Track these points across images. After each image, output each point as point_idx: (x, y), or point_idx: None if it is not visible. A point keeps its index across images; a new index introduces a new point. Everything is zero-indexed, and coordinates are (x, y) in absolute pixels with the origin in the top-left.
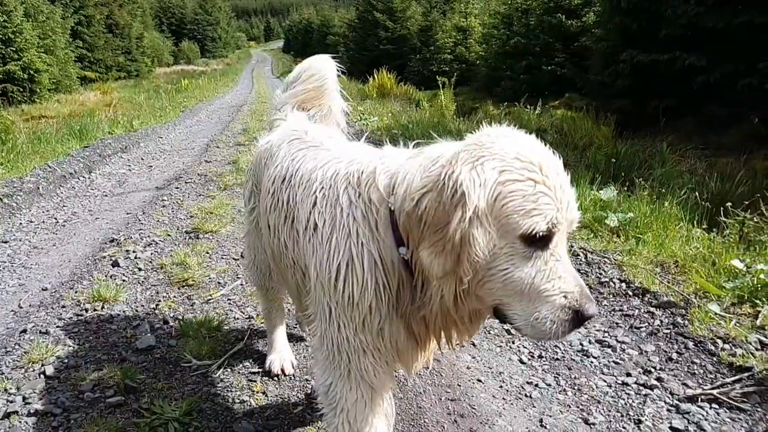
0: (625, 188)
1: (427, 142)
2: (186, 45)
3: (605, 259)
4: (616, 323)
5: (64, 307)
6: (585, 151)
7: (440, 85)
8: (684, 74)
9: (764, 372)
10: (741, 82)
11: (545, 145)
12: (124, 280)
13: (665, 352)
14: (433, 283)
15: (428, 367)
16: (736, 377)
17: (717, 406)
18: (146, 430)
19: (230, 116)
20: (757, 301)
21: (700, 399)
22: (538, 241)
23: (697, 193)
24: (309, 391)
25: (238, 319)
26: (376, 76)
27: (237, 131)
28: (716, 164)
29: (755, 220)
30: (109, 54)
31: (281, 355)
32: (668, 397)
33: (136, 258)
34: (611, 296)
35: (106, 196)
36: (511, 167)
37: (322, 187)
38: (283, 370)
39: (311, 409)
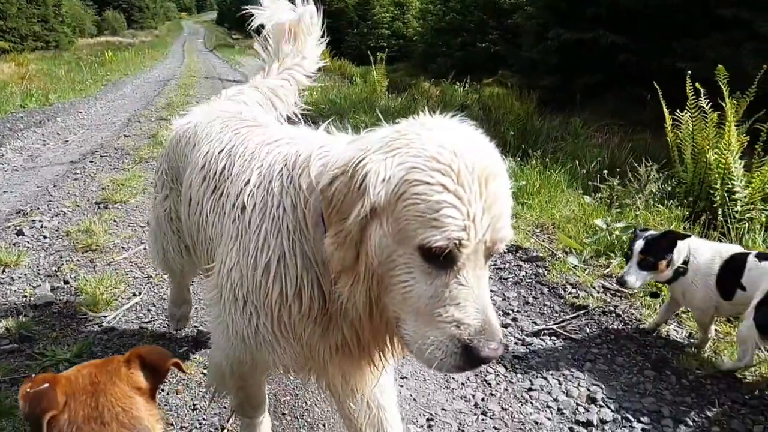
0: (522, 159)
1: (357, 119)
2: (110, 14)
3: None
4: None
5: None
6: (499, 126)
7: (372, 61)
8: (607, 53)
9: (597, 309)
10: (658, 61)
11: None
12: (27, 247)
13: (524, 297)
14: (338, 280)
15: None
16: (575, 314)
17: (555, 338)
18: (37, 370)
19: (156, 91)
20: (611, 254)
21: (542, 333)
22: (437, 258)
23: (578, 162)
24: (194, 333)
25: (137, 278)
26: None
27: (161, 106)
28: (631, 139)
29: (620, 186)
30: (23, 22)
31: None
32: (518, 333)
33: (42, 227)
34: None
35: (16, 170)
36: (423, 166)
37: (261, 165)
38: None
39: (196, 347)
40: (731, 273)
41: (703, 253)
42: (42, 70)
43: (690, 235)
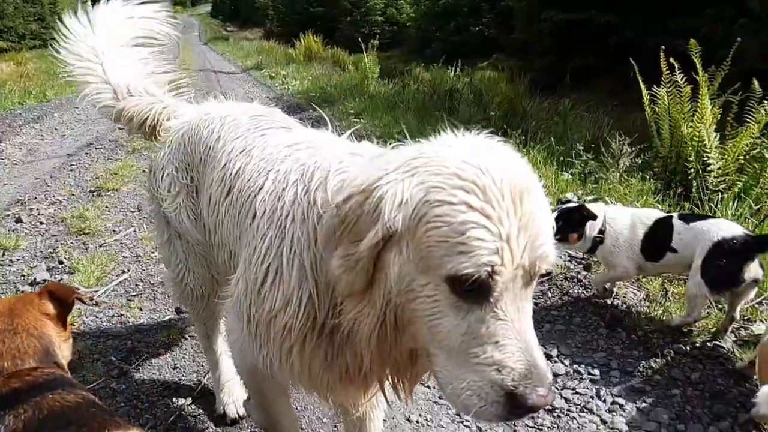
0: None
1: (347, 106)
2: None
3: None
4: None
5: None
6: (487, 109)
7: (363, 48)
8: (601, 34)
9: (560, 275)
10: (651, 41)
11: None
12: (25, 233)
13: None
14: (345, 304)
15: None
16: (539, 281)
17: None
18: None
19: None
20: None
21: None
22: (469, 290)
23: (553, 139)
24: (178, 305)
25: (126, 257)
26: (303, 40)
27: None
28: (621, 118)
29: (593, 161)
30: (21, 21)
31: (235, 392)
32: None
33: (39, 214)
34: None
35: (15, 164)
36: (443, 184)
37: (277, 171)
38: (239, 414)
39: (180, 320)
40: (659, 237)
41: (620, 220)
42: (40, 68)
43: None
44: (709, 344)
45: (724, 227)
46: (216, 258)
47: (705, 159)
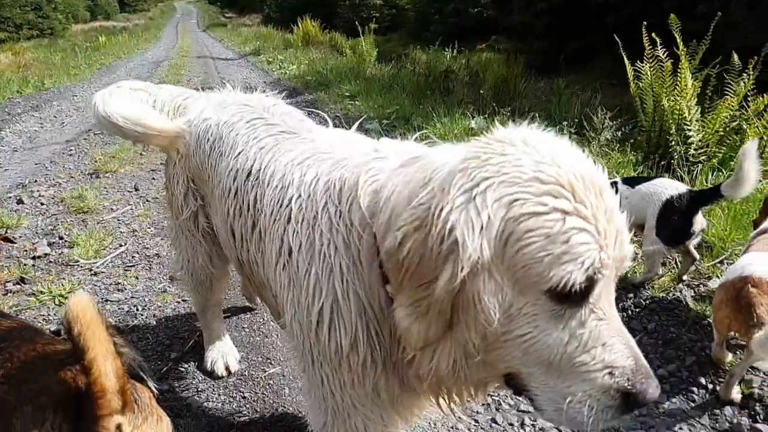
0: (490, 117)
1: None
2: None
3: None
4: None
5: None
6: (480, 89)
7: (360, 32)
8: (598, 13)
9: None
10: (649, 20)
11: (568, 139)
12: (27, 213)
13: None
14: (419, 355)
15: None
16: None
17: None
18: (36, 303)
19: (149, 72)
20: None
21: None
22: (572, 296)
23: (537, 115)
24: (173, 273)
25: (124, 232)
26: (300, 25)
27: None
28: (615, 96)
29: (576, 134)
30: (17, 11)
31: (223, 350)
32: None
33: (39, 196)
34: None
35: (16, 151)
36: (526, 194)
37: (299, 196)
38: (228, 369)
39: (175, 287)
40: None
41: None
42: (38, 58)
43: None
44: (667, 297)
45: (669, 186)
46: (263, 296)
47: (686, 131)
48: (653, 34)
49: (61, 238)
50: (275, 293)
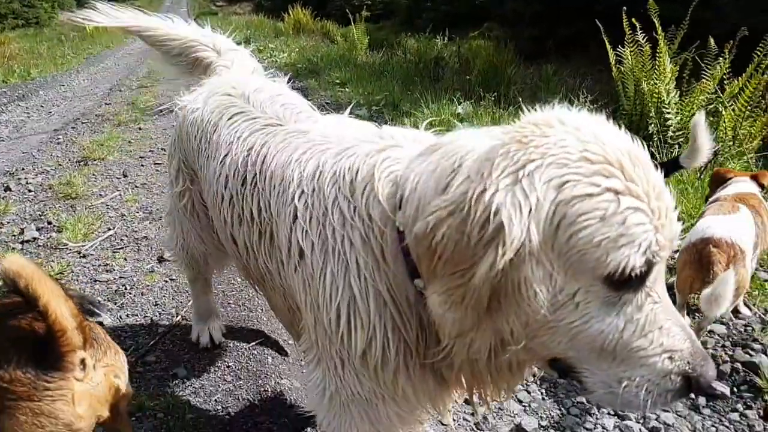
0: (476, 102)
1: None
2: None
3: None
4: None
5: None
6: (467, 75)
7: (351, 20)
8: (587, 2)
9: None
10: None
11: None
12: (15, 199)
13: None
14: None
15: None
16: None
17: None
18: None
19: (138, 61)
20: None
21: None
22: (629, 281)
23: (521, 100)
24: (161, 254)
25: (112, 217)
26: (291, 13)
27: (141, 74)
28: (602, 81)
29: None
30: (2, 1)
31: (209, 324)
32: None
33: (27, 183)
34: None
35: (2, 140)
36: (577, 175)
37: (303, 193)
38: (213, 340)
39: (163, 266)
40: None
41: None
42: (23, 47)
43: None
44: None
45: None
46: (276, 304)
47: (664, 114)
48: (633, 20)
49: (49, 223)
50: (292, 299)
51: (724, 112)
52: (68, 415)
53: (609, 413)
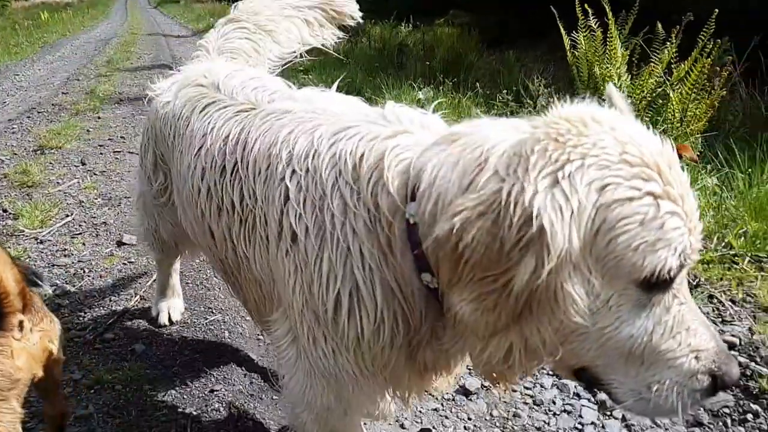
0: (436, 88)
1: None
2: None
3: None
4: None
5: None
6: (429, 62)
7: None
8: None
9: None
10: None
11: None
12: None
13: None
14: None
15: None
16: None
17: None
18: None
19: (96, 50)
20: None
21: None
22: (661, 283)
23: (479, 84)
24: (120, 239)
25: (70, 203)
26: None
27: (100, 63)
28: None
29: (514, 102)
30: None
31: (169, 302)
32: None
33: None
34: None
35: None
36: (618, 178)
37: (294, 172)
38: (170, 319)
39: (119, 248)
40: None
41: None
42: None
43: None
44: None
45: None
46: (244, 293)
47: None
48: (586, 5)
49: (4, 210)
50: (273, 285)
51: (671, 95)
52: (8, 366)
53: (548, 373)
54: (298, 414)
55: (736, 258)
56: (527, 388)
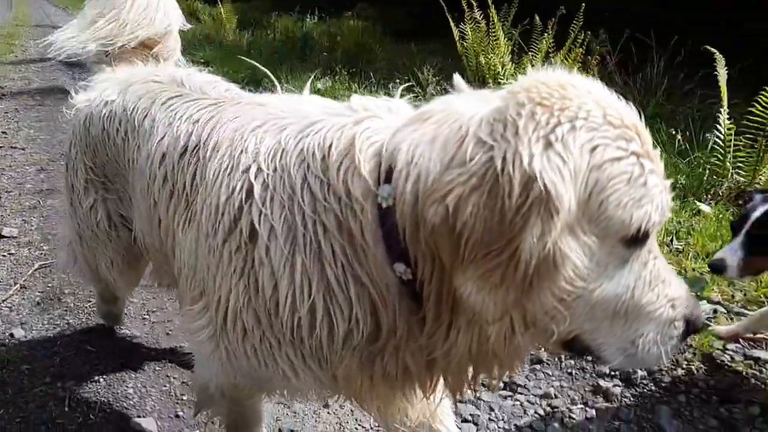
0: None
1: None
2: None
3: None
4: None
5: None
6: (332, 53)
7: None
8: None
9: None
10: None
11: None
12: None
13: None
14: (470, 326)
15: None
16: None
17: None
18: None
19: None
20: None
21: None
22: (641, 239)
23: (372, 74)
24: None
25: None
26: None
27: None
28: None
29: (407, 90)
30: None
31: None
32: None
33: None
34: None
35: None
36: (605, 138)
37: (260, 170)
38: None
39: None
40: None
41: None
42: None
43: None
44: None
45: None
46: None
47: (501, 85)
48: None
49: None
50: (201, 272)
51: None
52: None
53: None
54: (202, 376)
55: None
56: None
